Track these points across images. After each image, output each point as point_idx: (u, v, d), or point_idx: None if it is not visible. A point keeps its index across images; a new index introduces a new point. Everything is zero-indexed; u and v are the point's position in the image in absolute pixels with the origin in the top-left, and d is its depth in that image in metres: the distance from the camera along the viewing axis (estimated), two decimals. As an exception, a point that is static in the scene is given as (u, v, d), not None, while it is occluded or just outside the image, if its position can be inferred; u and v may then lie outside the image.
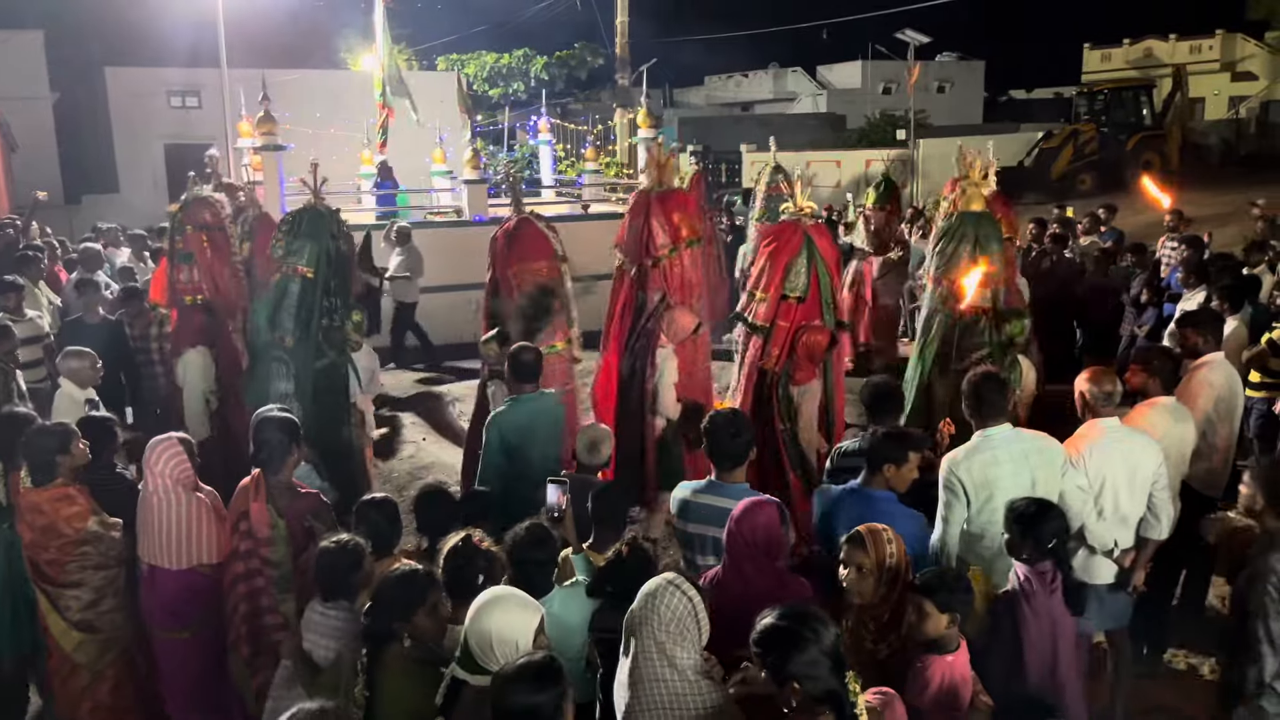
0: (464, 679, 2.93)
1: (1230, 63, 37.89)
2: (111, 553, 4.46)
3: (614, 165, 18.95)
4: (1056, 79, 43.82)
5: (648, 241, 6.11)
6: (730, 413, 4.35)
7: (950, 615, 3.28)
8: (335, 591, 3.56)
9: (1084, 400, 4.65)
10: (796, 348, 5.79)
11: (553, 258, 6.31)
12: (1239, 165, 27.63)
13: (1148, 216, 16.63)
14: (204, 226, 6.63)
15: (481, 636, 2.90)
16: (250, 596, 4.20)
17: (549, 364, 5.80)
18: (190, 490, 4.39)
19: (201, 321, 6.63)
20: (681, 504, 4.21)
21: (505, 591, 3.05)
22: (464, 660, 2.94)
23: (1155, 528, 4.58)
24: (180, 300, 6.66)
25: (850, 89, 43.82)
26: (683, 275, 6.07)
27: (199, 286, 6.62)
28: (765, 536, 3.56)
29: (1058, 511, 3.73)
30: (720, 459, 4.17)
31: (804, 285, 5.84)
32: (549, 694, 2.54)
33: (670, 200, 6.11)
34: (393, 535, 4.11)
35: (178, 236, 6.67)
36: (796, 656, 2.67)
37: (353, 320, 6.26)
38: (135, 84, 21.87)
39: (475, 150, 13.70)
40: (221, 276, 6.70)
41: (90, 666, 4.47)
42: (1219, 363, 5.60)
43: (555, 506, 4.14)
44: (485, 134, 23.52)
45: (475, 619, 2.93)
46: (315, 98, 19.64)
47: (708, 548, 4.05)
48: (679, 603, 2.99)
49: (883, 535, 3.50)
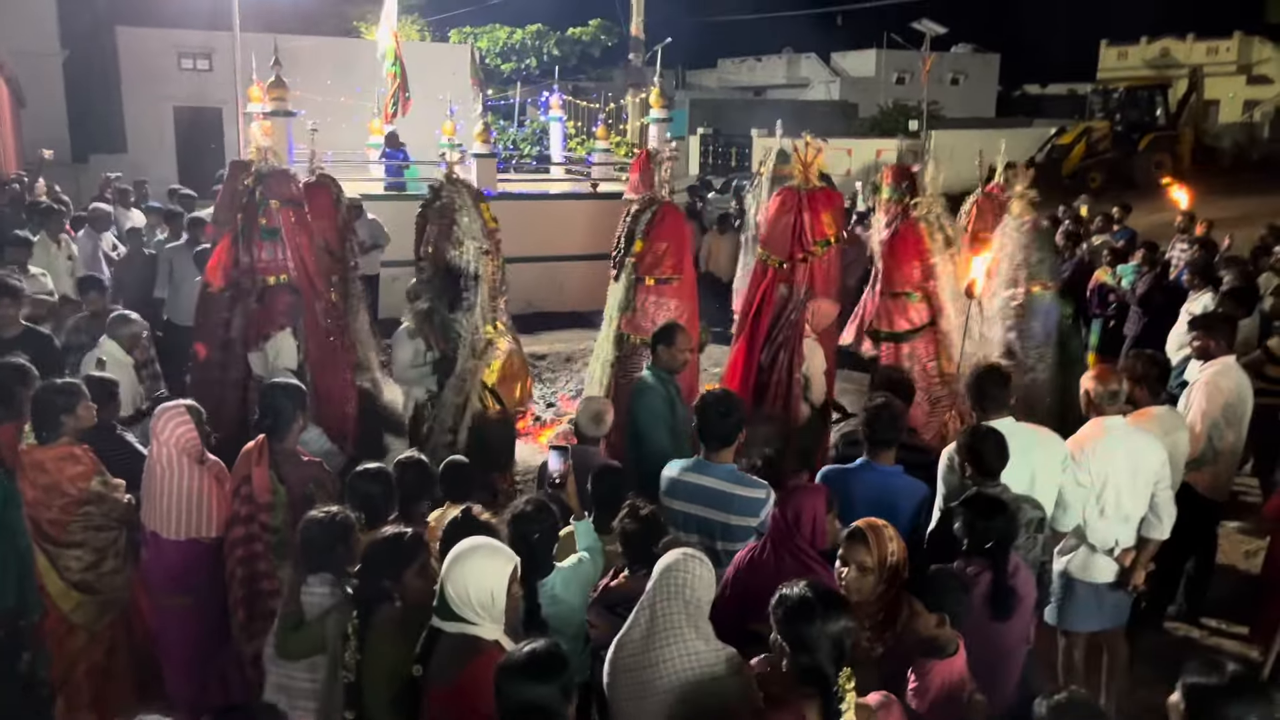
0: (440, 627, 2.97)
1: (1246, 65, 37.63)
2: (114, 514, 4.46)
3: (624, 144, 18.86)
4: (1071, 75, 43.56)
5: (800, 237, 6.21)
6: (721, 393, 4.39)
7: (939, 615, 3.20)
8: (318, 563, 3.54)
9: (1089, 399, 4.66)
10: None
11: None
12: (1251, 169, 27.52)
13: (1158, 217, 16.59)
14: (289, 201, 6.24)
15: (459, 585, 2.93)
16: (248, 561, 4.21)
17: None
18: (196, 460, 4.36)
19: (289, 302, 6.25)
20: (670, 482, 4.24)
21: (480, 541, 3.08)
22: (441, 609, 2.98)
23: (1157, 527, 4.58)
24: (260, 281, 6.20)
25: (864, 77, 43.56)
26: (827, 270, 6.21)
27: (284, 265, 6.20)
28: (807, 521, 3.56)
29: (1007, 515, 3.62)
30: (709, 439, 4.20)
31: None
32: (553, 683, 2.53)
33: (820, 198, 6.24)
34: (386, 507, 4.09)
35: (259, 212, 6.20)
36: (803, 626, 2.68)
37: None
38: (146, 44, 21.75)
39: (486, 124, 13.63)
40: (308, 253, 6.30)
41: (88, 627, 4.47)
42: (1229, 367, 5.59)
43: (557, 473, 4.14)
44: (496, 109, 23.41)
45: (452, 569, 2.97)
46: (326, 65, 19.54)
47: (691, 525, 4.09)
48: (705, 573, 3.03)
49: (884, 532, 3.45)
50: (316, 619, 3.45)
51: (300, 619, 3.48)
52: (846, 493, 4.13)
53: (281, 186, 6.23)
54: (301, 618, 3.49)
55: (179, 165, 21.46)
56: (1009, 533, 3.61)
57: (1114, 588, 4.60)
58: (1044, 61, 45.30)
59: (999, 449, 4.00)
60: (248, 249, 6.19)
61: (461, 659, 2.90)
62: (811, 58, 45.98)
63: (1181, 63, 36.71)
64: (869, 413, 4.35)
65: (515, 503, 3.68)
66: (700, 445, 4.24)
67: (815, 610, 2.69)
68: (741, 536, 3.99)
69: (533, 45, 28.94)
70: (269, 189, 6.18)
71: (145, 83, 21.81)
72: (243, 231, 6.23)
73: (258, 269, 6.17)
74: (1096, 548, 4.55)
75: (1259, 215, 17.23)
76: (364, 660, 3.23)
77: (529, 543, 3.53)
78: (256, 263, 6.17)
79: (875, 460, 4.29)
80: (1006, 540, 3.58)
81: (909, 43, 35.92)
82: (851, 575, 3.40)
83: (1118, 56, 41.66)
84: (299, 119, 10.93)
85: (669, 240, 6.27)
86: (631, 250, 6.33)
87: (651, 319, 6.13)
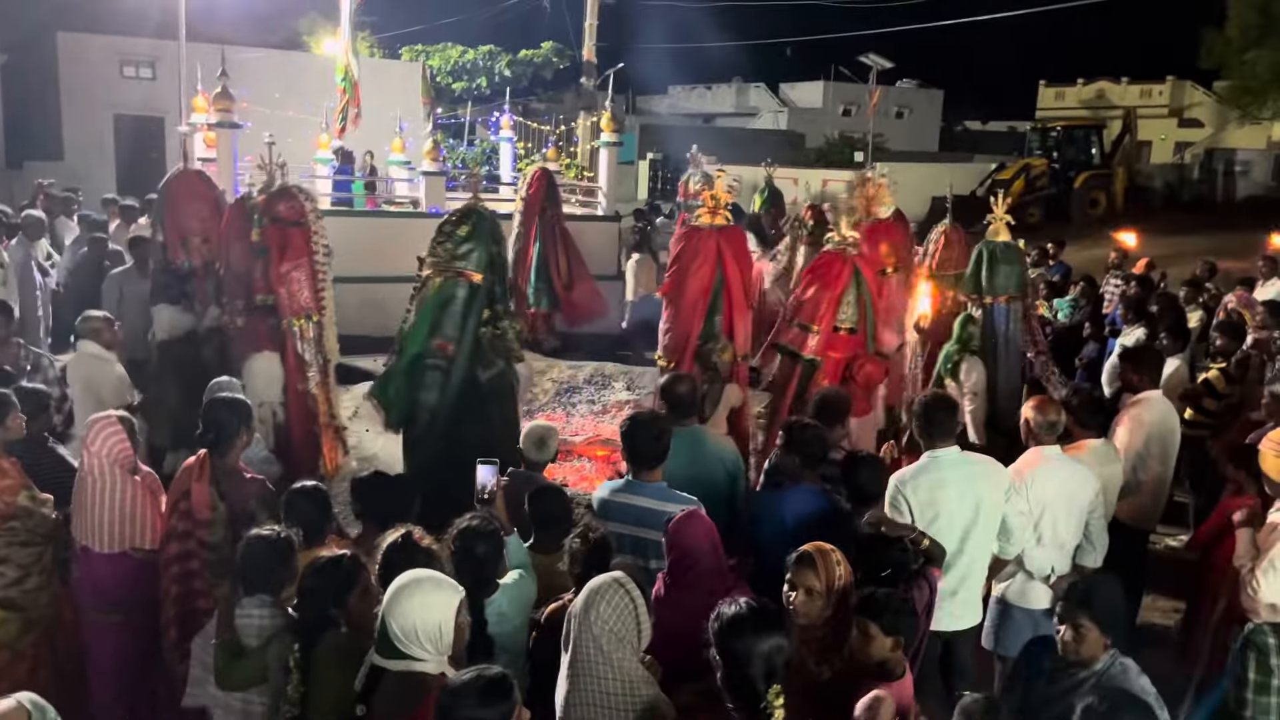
0: (383, 666, 2.87)
1: (1179, 109, 38.99)
2: (40, 529, 4.33)
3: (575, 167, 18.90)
4: (1011, 113, 44.77)
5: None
6: (650, 415, 4.44)
7: (895, 639, 3.23)
8: (257, 585, 3.46)
9: (1028, 428, 4.76)
10: (855, 379, 5.83)
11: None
12: (1181, 209, 28.43)
13: (1092, 253, 17.06)
14: (277, 220, 6.05)
15: (404, 621, 2.83)
16: (183, 578, 4.12)
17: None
18: (127, 471, 4.28)
19: (270, 325, 6.07)
20: (601, 503, 4.27)
21: (422, 574, 2.97)
22: (383, 646, 2.88)
23: (1091, 554, 4.69)
24: (253, 301, 6.10)
25: (811, 108, 44.24)
26: (888, 298, 6.33)
27: (268, 286, 6.05)
28: (699, 548, 3.59)
29: (898, 549, 3.74)
30: (639, 459, 4.23)
31: (854, 316, 5.93)
32: (498, 709, 2.50)
33: (879, 230, 6.42)
34: (324, 525, 4.02)
35: (257, 230, 6.07)
36: (735, 640, 2.72)
37: (514, 329, 6.04)
38: (88, 51, 21.33)
39: (435, 142, 13.58)
40: (293, 278, 6.08)
41: (11, 645, 4.31)
42: (1154, 400, 5.75)
43: (485, 487, 4.11)
44: (446, 127, 23.30)
45: (395, 604, 2.86)
46: (274, 78, 19.29)
47: (625, 546, 4.09)
48: (621, 602, 3.00)
49: (832, 556, 3.45)
50: (258, 648, 3.35)
51: (240, 646, 3.38)
52: (778, 516, 4.20)
53: (274, 205, 6.08)
54: (240, 644, 3.39)
55: (118, 174, 21.03)
56: (904, 565, 3.72)
57: (1049, 614, 4.68)
58: (985, 99, 46.51)
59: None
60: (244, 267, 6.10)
61: (412, 699, 2.81)
62: (760, 87, 46.59)
63: (1116, 104, 37.92)
64: (791, 434, 4.41)
65: (460, 519, 3.62)
66: (630, 466, 4.25)
67: (747, 625, 2.73)
68: None
69: (485, 65, 28.90)
70: (265, 207, 6.06)
71: (86, 89, 21.38)
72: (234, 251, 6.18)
73: (254, 288, 6.09)
74: (1033, 575, 4.64)
75: (1189, 254, 17.80)
76: (309, 691, 3.13)
77: (476, 558, 3.47)
78: (254, 281, 6.09)
79: (802, 480, 4.34)
80: (901, 573, 3.68)
81: (856, 76, 36.57)
82: (800, 599, 3.40)
83: (1055, 96, 42.87)
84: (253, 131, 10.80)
85: (676, 264, 6.14)
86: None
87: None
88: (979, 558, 4.40)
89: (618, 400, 9.76)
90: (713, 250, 5.92)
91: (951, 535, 4.24)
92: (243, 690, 3.39)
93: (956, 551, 4.29)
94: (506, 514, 4.09)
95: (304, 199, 6.20)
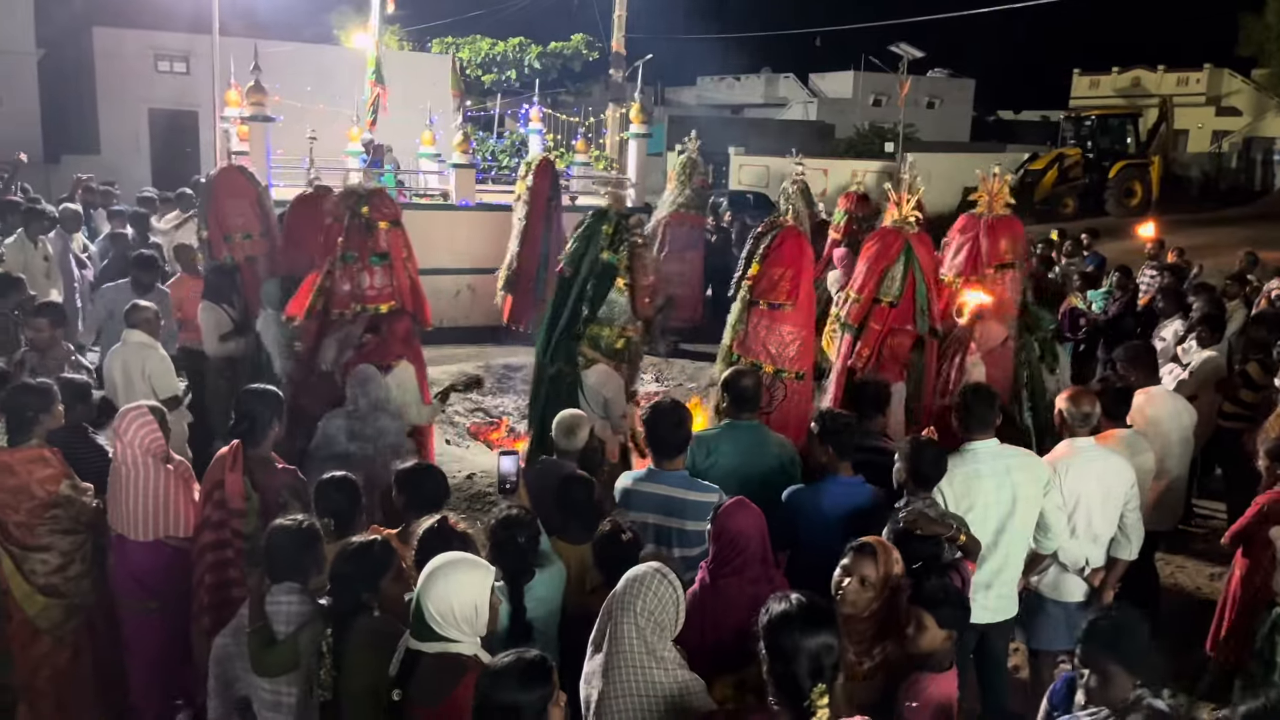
0: (419, 649, 2.90)
1: (1216, 97, 38.35)
2: (82, 518, 4.40)
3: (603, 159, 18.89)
4: (1044, 102, 44.23)
5: (975, 259, 6.46)
6: (672, 403, 4.44)
7: (948, 632, 3.23)
8: (284, 572, 3.49)
9: (1062, 419, 4.72)
10: (882, 349, 5.92)
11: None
12: (1218, 199, 28.00)
13: (1129, 243, 16.83)
14: (395, 222, 5.90)
15: (441, 603, 2.86)
16: (217, 567, 4.17)
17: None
18: (161, 460, 4.33)
19: (408, 329, 5.85)
20: (623, 493, 4.28)
21: (456, 556, 3.00)
22: (418, 629, 2.90)
23: (1126, 547, 4.64)
24: (367, 310, 5.81)
25: (841, 98, 43.97)
26: (1001, 293, 6.41)
27: (392, 292, 5.83)
28: (749, 538, 3.55)
29: (933, 542, 3.76)
30: (661, 448, 4.25)
31: (898, 291, 5.96)
32: (538, 691, 2.52)
33: (1001, 225, 6.51)
34: (354, 515, 4.05)
35: (366, 235, 5.80)
36: (783, 635, 2.70)
37: (603, 336, 5.94)
38: (123, 46, 21.57)
39: (465, 134, 13.63)
40: (415, 278, 6.00)
41: (52, 632, 4.40)
42: (1154, 396, 5.70)
43: (507, 477, 4.13)
44: (476, 119, 23.39)
45: (431, 586, 2.88)
46: (306, 72, 19.44)
47: (648, 535, 4.12)
48: (665, 591, 3.00)
49: (891, 552, 3.45)
50: (290, 634, 3.38)
51: (272, 633, 3.41)
52: (817, 508, 4.18)
53: (388, 206, 5.93)
54: (272, 632, 3.42)
55: (153, 168, 21.28)
56: (938, 554, 3.73)
57: (1083, 607, 4.64)
58: (1018, 88, 46.02)
59: (935, 462, 4.05)
60: (349, 276, 5.78)
61: (450, 680, 2.84)
62: (790, 78, 46.36)
63: (1152, 93, 37.34)
64: (824, 424, 4.39)
65: (498, 508, 3.66)
66: (652, 454, 4.28)
67: (796, 621, 2.71)
68: (697, 542, 4.04)
69: (514, 57, 28.93)
70: (376, 210, 5.83)
71: (121, 84, 21.62)
72: (345, 259, 5.79)
73: (367, 296, 5.82)
74: (1068, 567, 4.60)
75: (1226, 244, 17.56)
76: (342, 675, 3.16)
77: (516, 546, 3.51)
78: (367, 290, 5.81)
79: (837, 473, 4.32)
80: (933, 560, 3.67)
81: (886, 65, 36.29)
82: (852, 587, 3.38)
83: (1089, 85, 42.31)
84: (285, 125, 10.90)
85: (787, 266, 6.05)
86: (748, 272, 6.25)
87: (761, 343, 6.02)
88: (1015, 551, 4.36)
89: (646, 392, 9.77)
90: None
91: (986, 528, 4.21)
92: (278, 675, 3.40)
93: (991, 545, 4.25)
94: (529, 503, 4.11)
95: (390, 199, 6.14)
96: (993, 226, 6.44)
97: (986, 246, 6.37)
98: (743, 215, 17.04)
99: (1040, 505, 4.31)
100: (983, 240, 6.40)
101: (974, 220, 6.53)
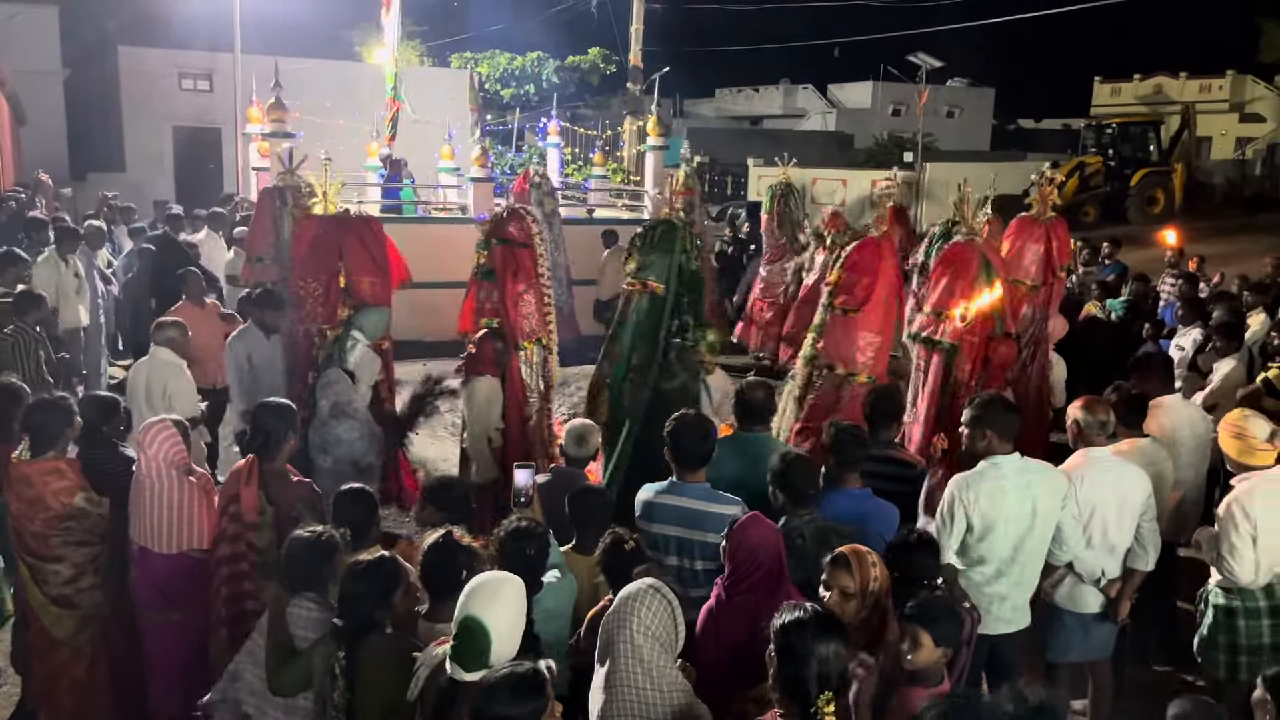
0: (460, 679, 2.75)
1: (1239, 104, 38.05)
2: (96, 530, 4.43)
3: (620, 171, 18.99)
4: (1065, 110, 44.00)
5: (1049, 262, 6.74)
6: (697, 416, 4.40)
7: (944, 649, 3.21)
8: (301, 582, 3.50)
9: (1077, 428, 4.67)
10: (992, 360, 5.98)
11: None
12: (1242, 206, 27.73)
13: (1151, 252, 16.69)
14: (506, 241, 6.11)
15: (501, 630, 2.77)
16: (233, 580, 4.19)
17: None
18: (184, 473, 4.36)
19: (496, 349, 6.10)
20: (645, 505, 4.24)
21: (490, 578, 2.92)
22: (473, 660, 2.75)
23: (1142, 558, 4.58)
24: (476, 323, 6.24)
25: (860, 109, 43.94)
26: (1060, 294, 6.87)
27: (495, 309, 6.14)
28: (765, 554, 3.55)
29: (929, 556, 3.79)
30: (684, 460, 4.21)
31: (985, 301, 6.07)
32: (531, 705, 2.52)
33: (1061, 227, 6.80)
34: (370, 527, 4.05)
35: (484, 251, 6.20)
36: (794, 639, 2.72)
37: (707, 340, 6.03)
38: (147, 64, 21.88)
39: (483, 148, 13.73)
40: (524, 300, 6.15)
41: (68, 642, 4.44)
42: (1169, 405, 5.66)
43: (522, 490, 4.13)
44: (494, 133, 23.54)
45: (488, 609, 2.78)
46: (326, 88, 19.66)
47: (670, 547, 4.11)
48: (659, 607, 3.01)
49: (867, 558, 3.42)
50: (304, 651, 3.36)
51: (291, 649, 3.40)
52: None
53: (503, 227, 6.17)
54: (292, 648, 3.40)
55: (177, 185, 21.55)
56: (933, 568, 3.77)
57: (1100, 619, 4.60)
58: (1038, 96, 45.82)
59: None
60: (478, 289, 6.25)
61: None
62: (808, 88, 46.39)
63: (1174, 100, 37.09)
64: (832, 437, 4.39)
65: (509, 520, 3.65)
66: (674, 466, 4.24)
67: (809, 626, 2.72)
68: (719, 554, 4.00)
69: (532, 72, 29.13)
70: (494, 228, 6.17)
71: (146, 102, 21.93)
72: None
73: (483, 310, 6.27)
74: (1084, 578, 4.56)
75: (1250, 252, 17.37)
76: (357, 695, 3.14)
77: (527, 559, 3.50)
78: (483, 305, 6.26)
79: (843, 484, 4.31)
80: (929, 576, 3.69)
81: (905, 75, 36.25)
82: (833, 600, 3.37)
83: (1111, 93, 42.10)
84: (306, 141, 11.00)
85: (861, 274, 6.12)
86: (826, 277, 6.46)
87: (836, 346, 6.11)
88: (1031, 564, 4.33)
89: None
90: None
91: (1006, 542, 4.19)
92: (293, 694, 3.39)
93: (1009, 559, 4.23)
94: (543, 515, 4.11)
95: (530, 220, 6.24)
96: (1055, 228, 6.70)
97: (1056, 248, 6.67)
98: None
99: (1057, 518, 4.29)
100: (1054, 242, 6.67)
101: (1037, 225, 6.70)
